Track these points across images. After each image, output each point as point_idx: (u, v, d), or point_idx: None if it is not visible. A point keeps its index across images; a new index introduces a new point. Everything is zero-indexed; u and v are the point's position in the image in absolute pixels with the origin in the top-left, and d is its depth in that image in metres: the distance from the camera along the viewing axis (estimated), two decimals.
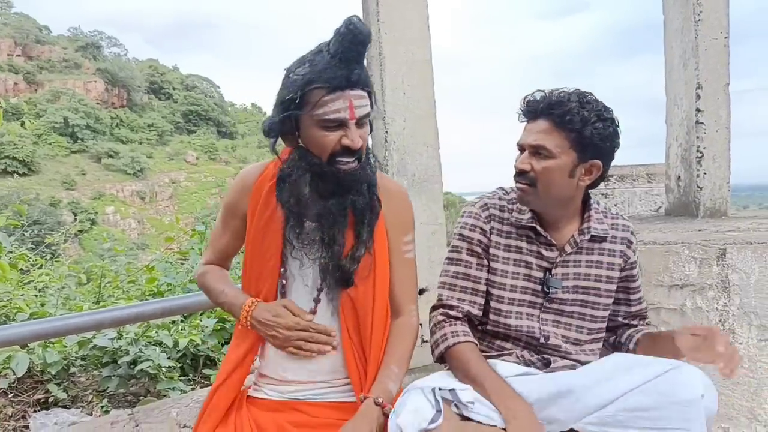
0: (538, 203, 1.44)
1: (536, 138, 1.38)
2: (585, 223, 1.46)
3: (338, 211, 1.32)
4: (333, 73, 1.22)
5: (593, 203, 1.50)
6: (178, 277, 4.24)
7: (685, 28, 2.51)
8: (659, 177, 3.99)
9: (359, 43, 1.22)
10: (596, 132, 1.34)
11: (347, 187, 1.31)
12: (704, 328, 1.34)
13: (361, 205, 1.34)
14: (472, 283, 1.51)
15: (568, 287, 1.46)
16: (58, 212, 53.84)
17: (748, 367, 1.78)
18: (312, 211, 1.34)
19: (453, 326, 1.47)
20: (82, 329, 2.15)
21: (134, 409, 2.78)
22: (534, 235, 1.47)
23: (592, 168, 1.40)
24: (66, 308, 3.99)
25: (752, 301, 1.78)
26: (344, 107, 1.23)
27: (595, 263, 1.47)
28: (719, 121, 2.43)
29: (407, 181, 2.58)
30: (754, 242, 1.78)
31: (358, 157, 1.30)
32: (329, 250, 1.34)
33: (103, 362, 3.19)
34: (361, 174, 1.32)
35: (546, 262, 1.47)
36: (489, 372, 1.38)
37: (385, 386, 1.33)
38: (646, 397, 1.25)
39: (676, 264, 1.86)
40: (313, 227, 1.35)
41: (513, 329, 1.48)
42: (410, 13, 2.59)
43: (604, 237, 1.47)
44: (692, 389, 1.22)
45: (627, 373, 1.31)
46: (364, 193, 1.34)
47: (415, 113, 2.59)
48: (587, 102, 1.36)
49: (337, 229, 1.33)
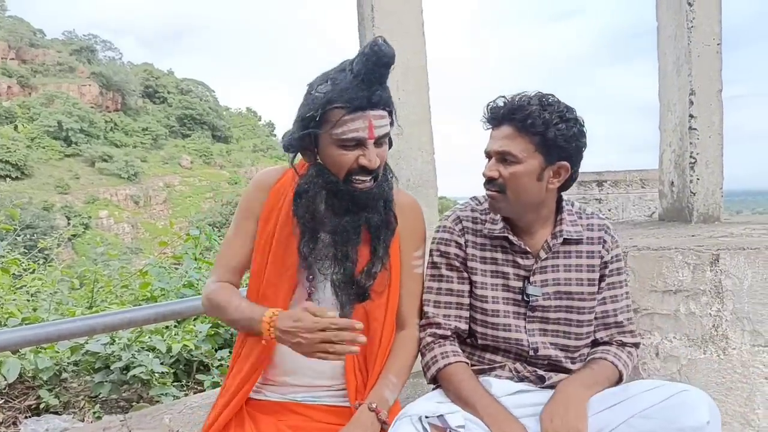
0: (509, 209, 1.44)
1: (501, 144, 1.38)
2: (557, 227, 1.46)
3: (352, 228, 1.33)
4: (354, 94, 1.23)
5: (566, 205, 1.49)
6: (171, 282, 4.23)
7: (678, 34, 2.52)
8: (653, 182, 4.01)
9: (383, 65, 1.23)
10: (559, 133, 1.34)
11: (362, 204, 1.32)
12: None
13: (377, 222, 1.35)
14: (456, 298, 1.50)
15: (549, 294, 1.45)
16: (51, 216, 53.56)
17: (741, 372, 1.79)
18: (326, 227, 1.35)
19: (442, 347, 1.46)
20: (75, 335, 2.14)
21: (126, 415, 2.76)
22: (508, 245, 1.47)
23: (560, 170, 1.39)
24: (58, 313, 3.96)
25: (745, 307, 1.78)
26: (363, 127, 1.24)
27: (574, 267, 1.46)
28: (712, 127, 2.45)
29: (402, 186, 2.57)
30: (747, 248, 1.79)
31: (375, 176, 1.31)
32: (341, 266, 1.34)
33: (96, 368, 3.17)
34: (376, 192, 1.33)
35: (523, 270, 1.46)
36: (481, 393, 1.38)
37: (382, 394, 1.34)
38: (650, 422, 1.25)
39: (670, 269, 1.87)
40: (326, 243, 1.36)
41: (502, 341, 1.47)
42: (405, 19, 2.60)
43: (579, 239, 1.46)
44: (698, 416, 1.21)
45: (632, 396, 1.31)
46: (379, 210, 1.35)
47: (410, 119, 2.59)
48: (548, 104, 1.36)
49: (350, 246, 1.34)
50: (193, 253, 4.78)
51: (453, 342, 1.49)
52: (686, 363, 1.85)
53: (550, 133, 1.33)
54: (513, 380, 1.48)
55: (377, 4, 2.51)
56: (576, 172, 1.43)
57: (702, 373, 1.82)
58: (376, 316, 1.40)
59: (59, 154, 74.03)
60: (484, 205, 1.53)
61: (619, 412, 1.31)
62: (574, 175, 1.43)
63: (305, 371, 1.42)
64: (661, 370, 1.88)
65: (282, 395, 1.44)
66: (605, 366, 1.44)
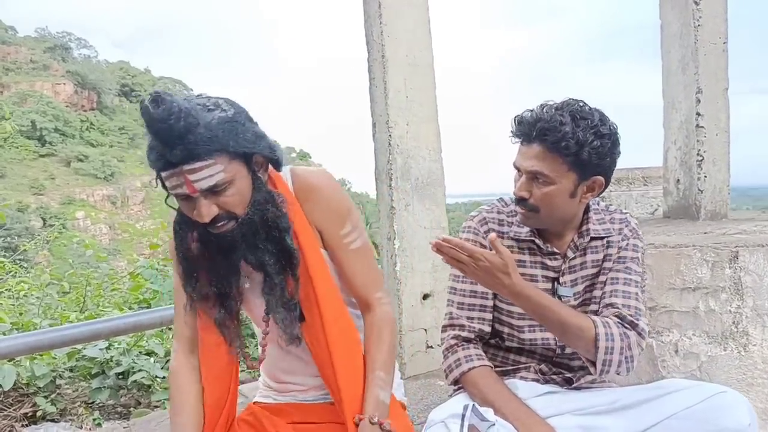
0: (541, 224, 1.40)
1: (533, 164, 1.31)
2: (584, 225, 1.43)
3: (226, 269, 1.25)
4: (153, 155, 1.14)
5: (593, 204, 1.46)
6: (165, 285, 4.14)
7: (684, 33, 2.54)
8: (655, 180, 4.05)
9: (161, 129, 1.10)
10: (594, 152, 1.27)
11: (230, 247, 1.23)
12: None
13: (258, 258, 1.24)
14: (480, 300, 1.46)
15: (579, 292, 1.43)
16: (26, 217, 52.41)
17: (762, 368, 1.80)
18: (203, 267, 1.27)
19: (466, 350, 1.44)
20: (79, 340, 2.07)
21: (129, 421, 2.69)
22: (535, 247, 1.44)
23: (594, 184, 1.35)
24: (48, 317, 3.86)
25: (765, 303, 1.79)
26: (180, 183, 1.14)
27: (602, 260, 1.43)
28: (719, 125, 2.47)
29: (410, 185, 2.56)
30: (766, 244, 1.80)
31: (233, 218, 1.20)
32: (223, 305, 1.28)
33: (93, 373, 3.09)
34: (244, 230, 1.21)
35: (552, 271, 1.43)
36: (508, 396, 1.35)
37: (376, 397, 1.25)
38: (687, 423, 1.23)
39: (688, 267, 1.87)
40: (205, 283, 1.28)
41: (528, 343, 1.45)
42: (412, 16, 2.57)
43: (605, 236, 1.44)
44: (739, 418, 1.19)
45: (666, 394, 1.29)
46: (258, 245, 1.24)
47: (417, 116, 2.57)
48: (582, 119, 1.27)
49: (228, 286, 1.26)
50: None
51: (477, 345, 1.46)
52: (706, 360, 1.85)
53: (585, 154, 1.27)
54: (539, 382, 1.46)
55: (384, 2, 2.48)
56: (609, 181, 1.39)
57: (722, 369, 1.83)
58: (313, 331, 1.30)
59: (33, 154, 72.50)
60: (510, 206, 1.49)
61: (653, 412, 1.30)
62: (608, 184, 1.40)
63: (305, 371, 1.39)
64: (681, 367, 1.88)
65: (294, 398, 1.42)
66: (584, 316, 1.33)
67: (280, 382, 1.43)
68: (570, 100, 1.32)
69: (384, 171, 2.55)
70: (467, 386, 1.42)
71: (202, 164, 1.13)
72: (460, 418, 1.23)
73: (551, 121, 1.27)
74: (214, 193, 1.16)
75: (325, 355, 1.28)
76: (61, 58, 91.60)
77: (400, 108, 2.54)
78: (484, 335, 1.48)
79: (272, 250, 1.24)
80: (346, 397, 1.25)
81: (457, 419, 1.23)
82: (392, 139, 2.52)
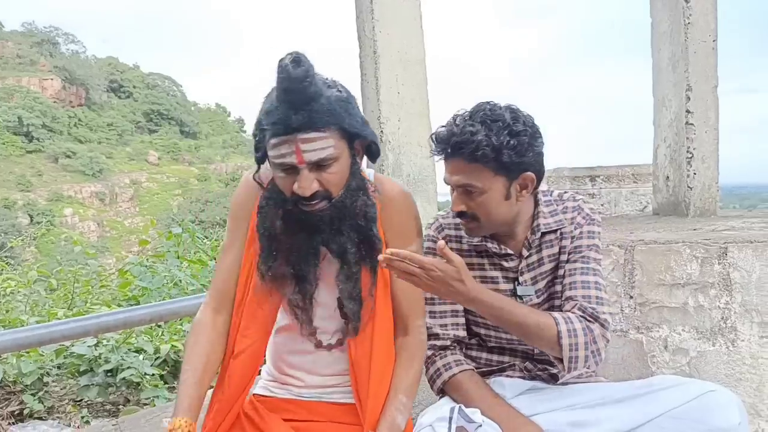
0: (486, 231, 1.40)
1: (459, 179, 1.31)
2: (535, 221, 1.42)
3: (306, 248, 1.25)
4: (274, 118, 1.14)
5: (543, 197, 1.45)
6: (155, 282, 4.11)
7: (674, 30, 2.55)
8: (644, 177, 4.08)
9: (293, 90, 1.11)
10: (513, 152, 1.27)
11: (314, 226, 1.23)
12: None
13: (339, 244, 1.25)
14: (450, 305, 1.46)
15: (541, 289, 1.43)
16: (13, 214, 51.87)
17: (750, 364, 1.82)
18: (283, 246, 1.27)
19: (444, 358, 1.43)
20: (68, 337, 2.05)
21: (119, 419, 2.67)
22: (490, 252, 1.44)
23: (525, 182, 1.33)
24: (35, 314, 3.82)
25: (754, 299, 1.81)
26: (290, 152, 1.14)
27: (558, 252, 1.42)
28: (708, 123, 2.49)
29: (402, 182, 2.55)
30: (755, 241, 1.82)
31: (326, 198, 1.20)
32: (299, 287, 1.28)
33: (81, 371, 3.06)
34: (334, 213, 1.22)
35: (510, 272, 1.43)
36: (492, 398, 1.36)
37: (393, 419, 1.26)
38: (678, 422, 1.23)
39: (678, 263, 1.89)
40: (282, 262, 1.28)
41: (506, 342, 1.46)
42: (404, 12, 2.57)
43: (557, 228, 1.42)
44: (729, 416, 1.20)
45: (655, 392, 1.29)
46: (343, 231, 1.25)
47: (409, 112, 2.57)
48: (493, 122, 1.27)
49: (306, 267, 1.26)
50: (176, 252, 4.67)
51: (454, 351, 1.46)
52: (695, 355, 1.87)
53: (504, 156, 1.27)
54: (525, 379, 1.46)
55: None
56: (542, 173, 1.37)
57: (711, 365, 1.85)
58: (360, 344, 1.32)
59: (20, 150, 71.67)
60: None
61: (642, 409, 1.30)
62: (542, 176, 1.38)
63: (311, 368, 1.38)
64: (670, 362, 1.90)
65: (289, 392, 1.41)
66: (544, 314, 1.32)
67: (283, 373, 1.42)
68: (480, 105, 1.31)
69: (376, 167, 2.54)
70: (451, 393, 1.42)
71: (317, 135, 1.15)
72: (448, 421, 1.23)
73: (462, 134, 1.27)
74: (318, 167, 1.17)
75: (365, 360, 1.29)
76: (48, 53, 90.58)
77: (392, 104, 2.54)
78: (461, 340, 1.48)
79: (354, 238, 1.26)
80: (370, 405, 1.27)
81: (444, 422, 1.23)
82: (384, 135, 2.52)
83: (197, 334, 1.33)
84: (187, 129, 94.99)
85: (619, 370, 1.99)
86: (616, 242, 1.95)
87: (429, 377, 1.44)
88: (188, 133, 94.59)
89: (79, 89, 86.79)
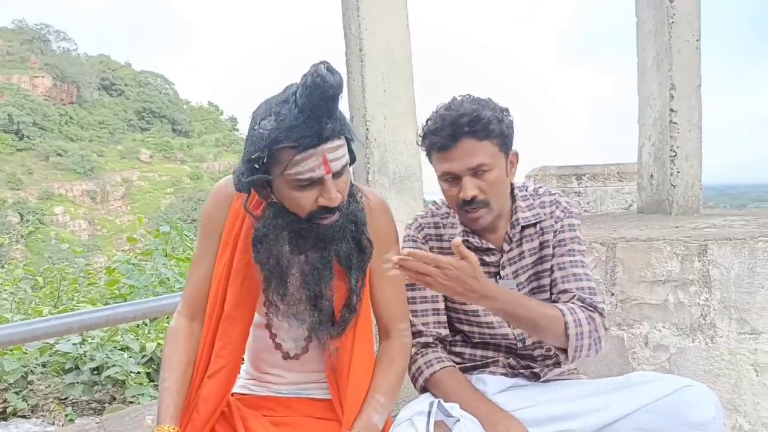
0: (492, 216, 1.40)
1: (470, 160, 1.31)
2: (514, 215, 1.43)
3: (322, 265, 1.23)
4: (302, 132, 1.08)
5: (519, 192, 1.47)
6: (142, 280, 4.10)
7: (659, 30, 2.57)
8: (630, 176, 4.11)
9: (329, 98, 1.08)
10: (510, 126, 1.34)
11: (329, 239, 1.22)
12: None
13: (346, 251, 1.25)
14: (431, 304, 1.47)
15: (523, 283, 1.44)
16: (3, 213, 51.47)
17: (729, 360, 1.84)
18: (294, 269, 1.24)
19: (425, 356, 1.44)
20: (50, 335, 2.04)
21: (102, 416, 2.65)
22: (472, 246, 1.43)
23: (514, 158, 1.39)
24: (21, 313, 3.80)
25: (732, 296, 1.83)
26: (318, 165, 1.11)
27: (538, 246, 1.44)
28: (692, 121, 2.50)
29: (388, 179, 2.56)
30: (734, 238, 1.84)
31: (339, 209, 1.19)
32: (318, 307, 1.25)
33: (66, 369, 3.04)
34: (343, 222, 1.22)
35: (492, 267, 1.44)
36: (472, 394, 1.36)
37: (370, 420, 1.25)
38: (655, 417, 1.24)
39: (659, 260, 1.90)
40: (297, 285, 1.25)
41: (489, 337, 1.47)
42: (390, 10, 2.57)
43: (536, 221, 1.44)
44: (704, 411, 1.21)
45: (633, 386, 1.30)
46: (347, 238, 1.24)
47: (395, 110, 2.57)
48: (486, 102, 1.34)
49: (324, 284, 1.24)
50: (164, 250, 4.65)
51: (435, 349, 1.46)
52: (675, 352, 1.89)
53: (506, 129, 1.32)
54: (507, 376, 1.47)
55: None
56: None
57: (691, 361, 1.86)
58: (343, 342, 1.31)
59: (10, 148, 71.11)
60: (443, 209, 1.50)
61: (620, 404, 1.31)
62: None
63: (290, 366, 1.38)
64: (651, 359, 1.91)
65: (268, 390, 1.41)
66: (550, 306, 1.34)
67: (262, 371, 1.42)
68: (455, 97, 1.36)
69: (362, 165, 2.54)
70: (433, 390, 1.42)
71: (340, 143, 1.14)
72: (426, 415, 1.23)
73: (473, 113, 1.29)
74: (337, 176, 1.15)
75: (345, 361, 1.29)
76: (39, 50, 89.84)
77: (378, 102, 2.54)
78: (444, 338, 1.49)
79: (351, 244, 1.25)
80: (348, 406, 1.27)
81: (423, 416, 1.23)
82: (369, 133, 2.52)
83: (175, 340, 1.32)
84: (179, 127, 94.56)
85: (601, 367, 2.00)
86: (598, 239, 1.96)
87: (411, 376, 1.45)
88: (180, 132, 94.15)
89: (70, 87, 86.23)
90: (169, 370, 1.28)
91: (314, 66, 1.07)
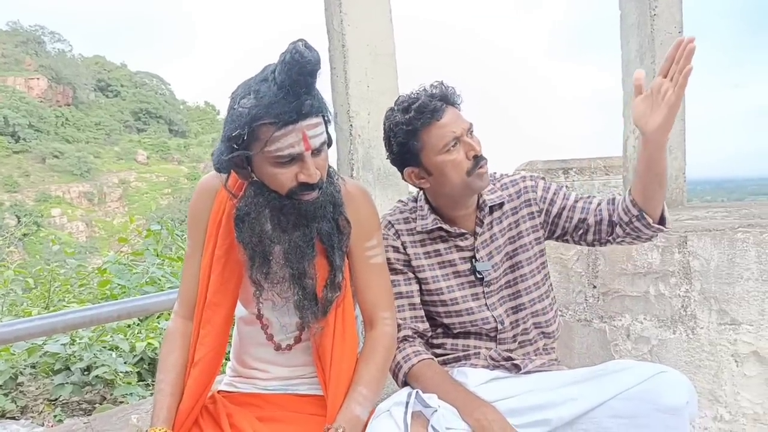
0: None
1: (463, 121, 1.42)
2: (480, 198, 1.49)
3: (304, 243, 1.24)
4: (281, 108, 1.10)
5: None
6: (133, 279, 4.09)
7: (641, 22, 2.56)
8: (616, 169, 4.11)
9: (308, 73, 1.11)
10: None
11: (311, 216, 1.23)
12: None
13: (328, 230, 1.27)
14: (406, 299, 1.50)
15: (497, 263, 1.49)
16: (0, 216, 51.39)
17: (709, 351, 1.84)
18: (276, 247, 1.25)
19: (403, 351, 1.46)
20: (34, 335, 2.03)
21: (90, 417, 2.66)
22: (445, 233, 1.49)
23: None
24: (12, 314, 3.79)
25: (712, 287, 1.83)
26: (297, 141, 1.13)
27: (507, 227, 1.50)
28: None
29: (372, 176, 2.55)
30: (713, 229, 1.84)
31: (319, 186, 1.21)
32: (301, 285, 1.26)
33: (55, 369, 3.04)
34: (323, 200, 1.24)
35: (467, 251, 1.49)
36: (451, 384, 1.37)
37: (352, 412, 1.25)
38: (629, 403, 1.25)
39: (639, 252, 1.90)
40: (281, 264, 1.26)
41: (470, 325, 1.49)
42: (373, 5, 2.56)
43: (502, 202, 1.51)
44: (677, 396, 1.22)
45: (609, 374, 1.32)
46: (328, 218, 1.26)
47: (379, 106, 2.56)
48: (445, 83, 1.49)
49: (307, 262, 1.25)
50: (155, 250, 4.65)
51: (413, 343, 1.48)
52: (657, 343, 1.89)
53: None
54: (488, 369, 1.48)
55: None
56: None
57: (672, 352, 1.87)
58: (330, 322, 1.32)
59: (6, 151, 71.01)
60: (410, 205, 1.56)
61: (596, 392, 1.32)
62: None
63: (277, 360, 1.39)
64: (633, 351, 1.91)
65: (254, 386, 1.41)
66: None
67: (248, 367, 1.42)
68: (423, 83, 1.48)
69: (346, 161, 2.53)
70: (412, 383, 1.44)
71: (318, 120, 1.16)
72: (404, 405, 1.24)
73: (448, 88, 1.44)
74: (316, 153, 1.18)
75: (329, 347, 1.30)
76: (34, 52, 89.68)
77: (362, 98, 2.53)
78: (423, 332, 1.51)
79: (332, 223, 1.27)
80: (331, 399, 1.28)
81: (401, 407, 1.24)
82: (353, 129, 2.50)
83: (170, 342, 1.34)
84: (176, 128, 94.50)
85: (584, 359, 2.01)
86: None
87: (392, 371, 1.46)
88: (177, 132, 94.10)
89: (65, 88, 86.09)
90: (164, 372, 1.30)
91: (292, 43, 1.10)
